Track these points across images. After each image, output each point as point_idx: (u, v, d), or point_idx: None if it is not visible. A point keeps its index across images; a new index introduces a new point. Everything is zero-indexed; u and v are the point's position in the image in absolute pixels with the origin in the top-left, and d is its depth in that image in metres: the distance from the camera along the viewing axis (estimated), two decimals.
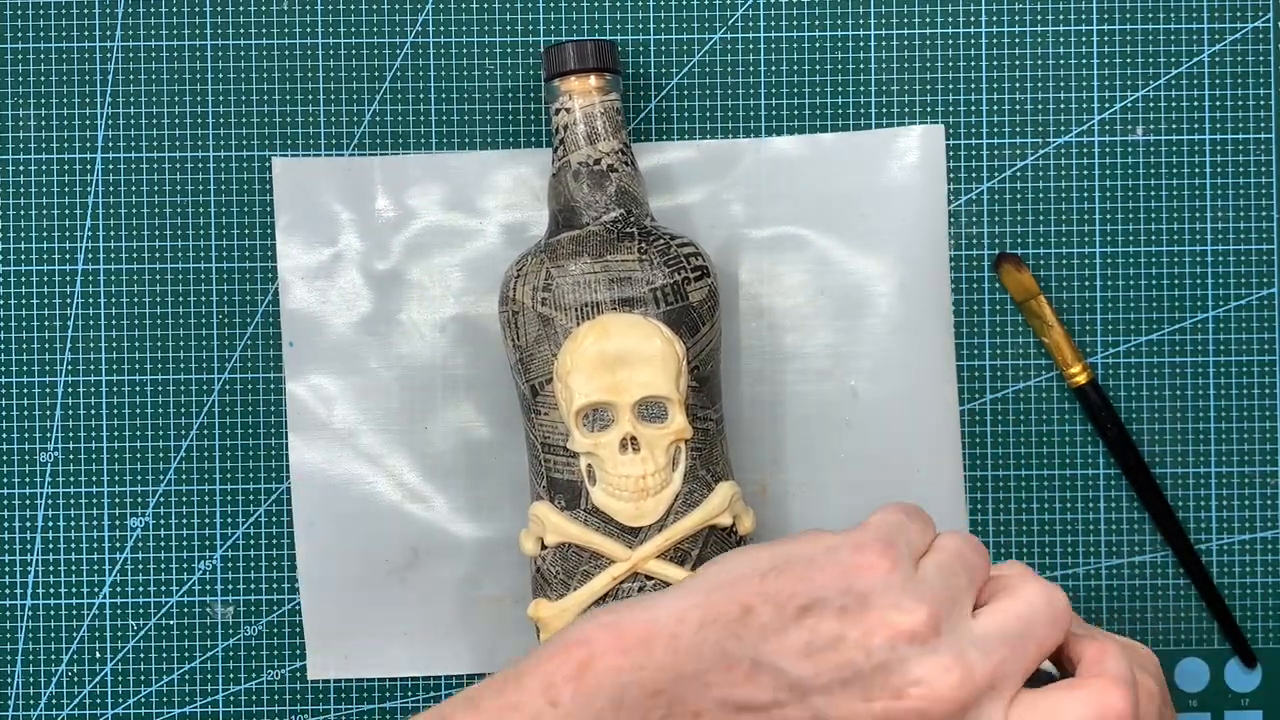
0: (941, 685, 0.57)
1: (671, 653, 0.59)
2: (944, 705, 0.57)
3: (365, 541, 0.84)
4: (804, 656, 0.58)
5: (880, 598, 0.58)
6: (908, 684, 0.57)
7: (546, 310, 0.77)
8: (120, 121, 0.84)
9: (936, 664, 0.57)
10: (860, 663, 0.57)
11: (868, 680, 0.57)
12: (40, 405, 0.84)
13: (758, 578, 0.60)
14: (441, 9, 0.84)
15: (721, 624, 0.59)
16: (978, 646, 0.58)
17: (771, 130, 0.84)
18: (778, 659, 0.58)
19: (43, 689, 0.84)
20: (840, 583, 0.59)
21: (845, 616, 0.58)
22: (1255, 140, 0.84)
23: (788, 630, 0.58)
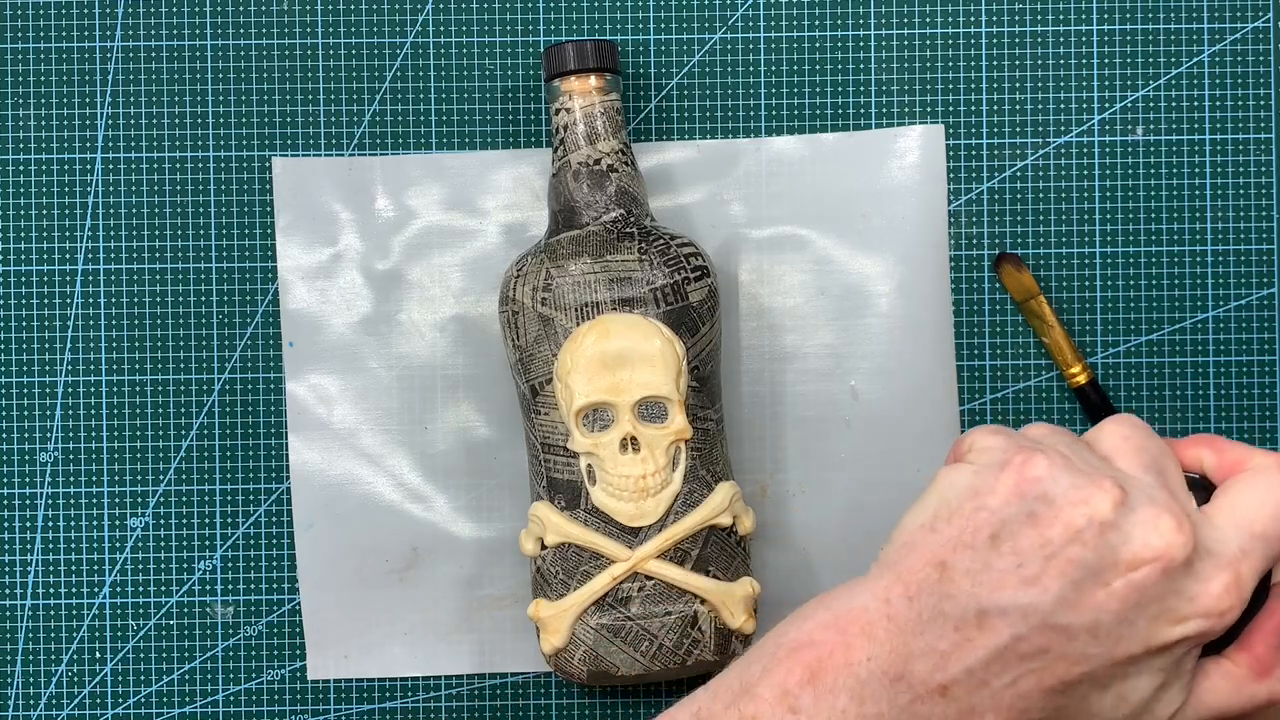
0: (1166, 533, 0.56)
1: (895, 634, 0.57)
2: (1179, 548, 0.56)
3: (365, 541, 0.84)
4: (1022, 581, 0.56)
5: (1059, 486, 0.57)
6: (1137, 548, 0.56)
7: (546, 310, 0.77)
8: (120, 121, 0.84)
9: (1147, 518, 0.56)
10: (1079, 555, 0.56)
11: (1095, 567, 0.56)
12: (40, 405, 0.84)
13: (930, 533, 0.58)
14: (441, 9, 0.84)
15: (926, 590, 0.57)
16: (1159, 487, 0.58)
17: (771, 130, 0.84)
18: (998, 597, 0.56)
19: (43, 689, 0.84)
20: (1013, 496, 0.57)
21: (1037, 521, 0.57)
22: (1255, 140, 0.84)
23: (991, 565, 0.57)
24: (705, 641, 0.77)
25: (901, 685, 0.57)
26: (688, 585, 0.76)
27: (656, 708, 0.84)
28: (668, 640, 0.76)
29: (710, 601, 0.77)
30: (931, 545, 0.58)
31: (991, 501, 0.58)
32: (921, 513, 0.59)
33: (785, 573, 0.84)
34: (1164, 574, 0.56)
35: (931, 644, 0.57)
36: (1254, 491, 0.59)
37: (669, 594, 0.77)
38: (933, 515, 0.59)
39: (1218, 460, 0.62)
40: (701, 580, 0.77)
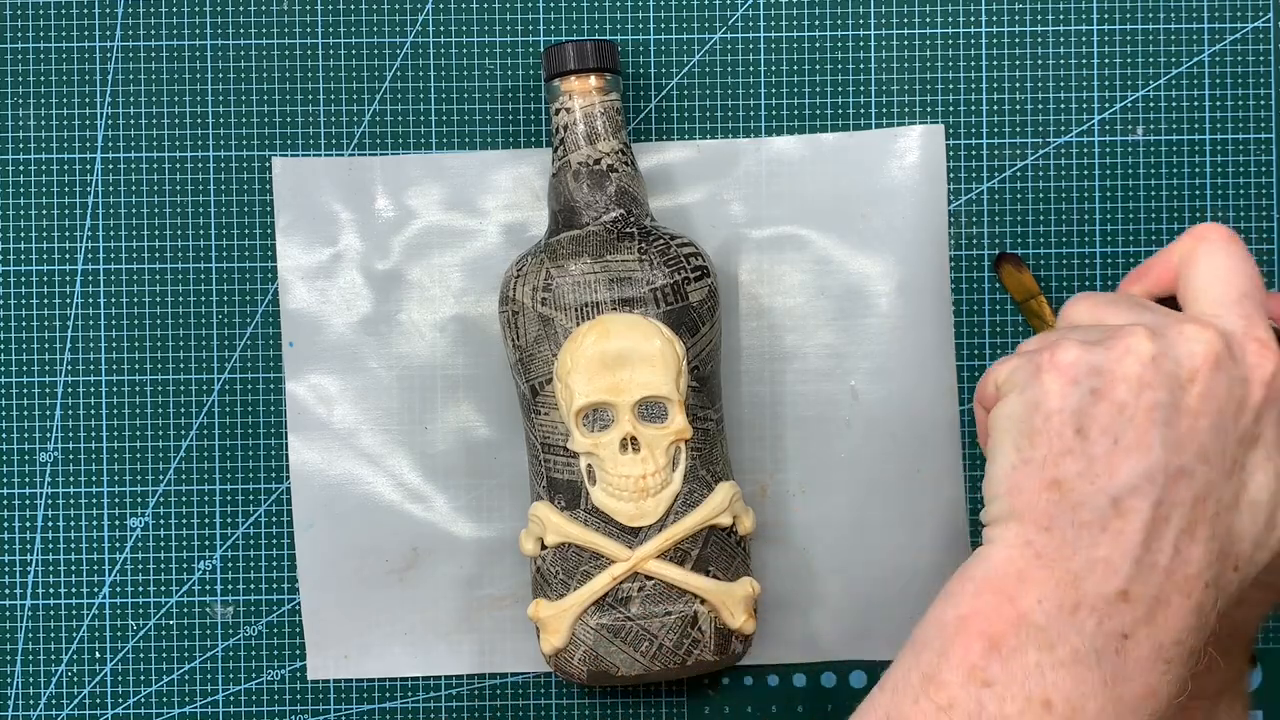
0: (1197, 334, 0.58)
1: (1051, 566, 0.56)
2: (1216, 347, 0.58)
3: (365, 541, 0.84)
4: (1124, 452, 0.57)
5: (1100, 355, 0.58)
6: (1186, 365, 0.57)
7: (546, 310, 0.77)
8: (120, 121, 0.84)
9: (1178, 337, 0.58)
10: (1150, 398, 0.57)
11: (1169, 400, 0.57)
12: (40, 405, 0.84)
13: (1025, 465, 0.58)
14: (441, 9, 0.84)
15: (1053, 514, 0.57)
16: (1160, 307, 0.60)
17: (771, 130, 0.84)
18: (1117, 479, 0.57)
19: (43, 689, 0.84)
20: (1067, 388, 0.58)
21: (1101, 394, 0.57)
22: (1255, 140, 0.84)
23: (1092, 455, 0.57)
24: (705, 641, 0.77)
25: (1083, 611, 0.56)
26: (688, 585, 0.76)
27: (656, 708, 0.84)
28: (668, 640, 0.76)
29: (710, 601, 0.77)
30: (1032, 475, 0.57)
31: (1053, 403, 0.58)
32: (1003, 458, 0.59)
33: (785, 573, 0.84)
34: (1217, 370, 0.57)
35: (1089, 556, 0.56)
36: (1210, 269, 0.61)
37: (669, 594, 0.77)
38: (1015, 451, 0.58)
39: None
40: (701, 580, 0.77)
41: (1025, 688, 0.55)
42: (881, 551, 0.84)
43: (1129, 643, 0.56)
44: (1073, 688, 0.55)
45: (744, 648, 0.78)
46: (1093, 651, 0.56)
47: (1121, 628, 0.56)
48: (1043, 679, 0.55)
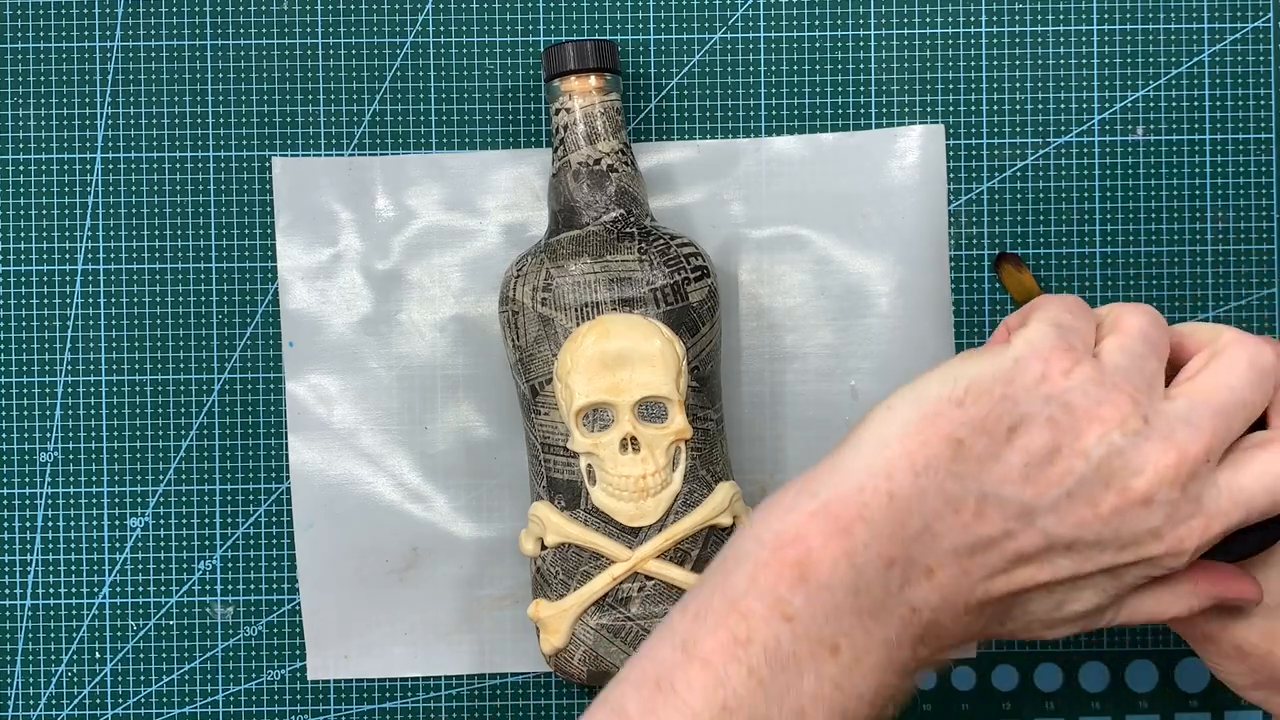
0: (1162, 468, 0.56)
1: (893, 515, 0.56)
2: (1166, 487, 0.56)
3: (365, 541, 0.84)
4: (1024, 480, 0.56)
5: (1082, 399, 0.57)
6: (1129, 476, 0.56)
7: (546, 310, 0.77)
8: (120, 121, 0.84)
9: (1151, 450, 0.56)
10: (1081, 469, 0.56)
11: (1090, 484, 0.56)
12: (40, 405, 0.84)
13: (955, 407, 0.57)
14: (441, 9, 0.84)
15: (936, 466, 0.57)
16: (1186, 423, 0.57)
17: (771, 130, 0.84)
18: (1001, 489, 0.56)
19: (43, 689, 0.84)
20: (1039, 396, 0.57)
21: (1055, 428, 0.57)
22: (1255, 140, 0.84)
23: (1002, 456, 0.56)
24: None
25: (895, 570, 0.56)
26: (688, 585, 0.76)
27: None
28: None
29: None
30: (954, 420, 0.57)
31: (1019, 393, 0.57)
32: (951, 384, 0.58)
33: None
34: (1144, 506, 0.57)
35: (929, 524, 0.56)
36: (1267, 461, 0.59)
37: (669, 594, 0.77)
38: (965, 391, 0.58)
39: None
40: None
41: (820, 628, 0.55)
42: None
43: (914, 616, 0.57)
44: (861, 638, 0.56)
45: None
46: (886, 608, 0.56)
47: (914, 601, 0.57)
48: (839, 623, 0.55)
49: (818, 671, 0.55)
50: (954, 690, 0.85)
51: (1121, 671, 0.85)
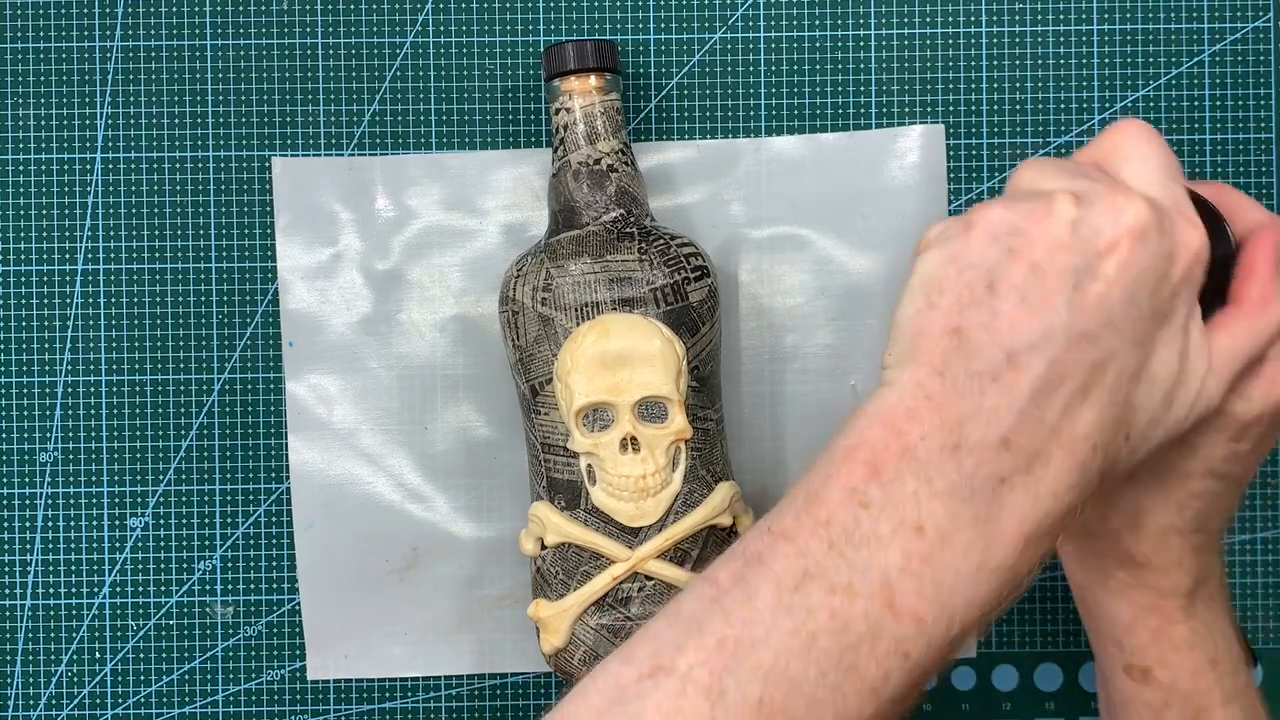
0: (1125, 210, 0.59)
1: (937, 409, 0.58)
2: (1141, 217, 0.59)
3: (365, 541, 0.84)
4: (1030, 312, 0.58)
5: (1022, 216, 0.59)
6: (1107, 235, 0.59)
7: (546, 310, 0.77)
8: (120, 121, 0.84)
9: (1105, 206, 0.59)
10: (1065, 262, 0.58)
11: (1083, 267, 0.58)
12: (40, 405, 0.84)
13: (931, 311, 0.59)
14: (441, 9, 0.84)
15: (951, 359, 0.58)
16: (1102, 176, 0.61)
17: (771, 130, 0.84)
18: (1017, 335, 0.58)
19: (43, 689, 0.84)
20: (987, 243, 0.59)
21: (1017, 253, 0.59)
22: (1255, 140, 0.84)
23: (998, 310, 0.58)
24: None
25: (963, 452, 0.57)
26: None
27: None
28: None
29: None
30: (937, 320, 0.59)
31: (971, 257, 0.59)
32: (911, 304, 0.60)
33: None
34: (1140, 243, 0.59)
35: (976, 404, 0.58)
36: (1138, 155, 0.62)
37: (669, 594, 0.77)
38: (924, 298, 0.60)
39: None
40: None
41: (900, 511, 0.57)
42: None
43: (1004, 487, 0.57)
44: (945, 518, 0.57)
45: None
46: (968, 489, 0.57)
47: (999, 472, 0.57)
48: (917, 506, 0.57)
49: (903, 548, 0.57)
50: (954, 690, 0.85)
51: None
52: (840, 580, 0.56)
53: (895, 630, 0.56)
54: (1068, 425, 0.58)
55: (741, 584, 0.57)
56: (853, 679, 0.56)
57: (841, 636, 0.56)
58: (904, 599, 0.56)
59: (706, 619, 0.56)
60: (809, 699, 0.55)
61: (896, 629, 0.56)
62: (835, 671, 0.56)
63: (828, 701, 0.55)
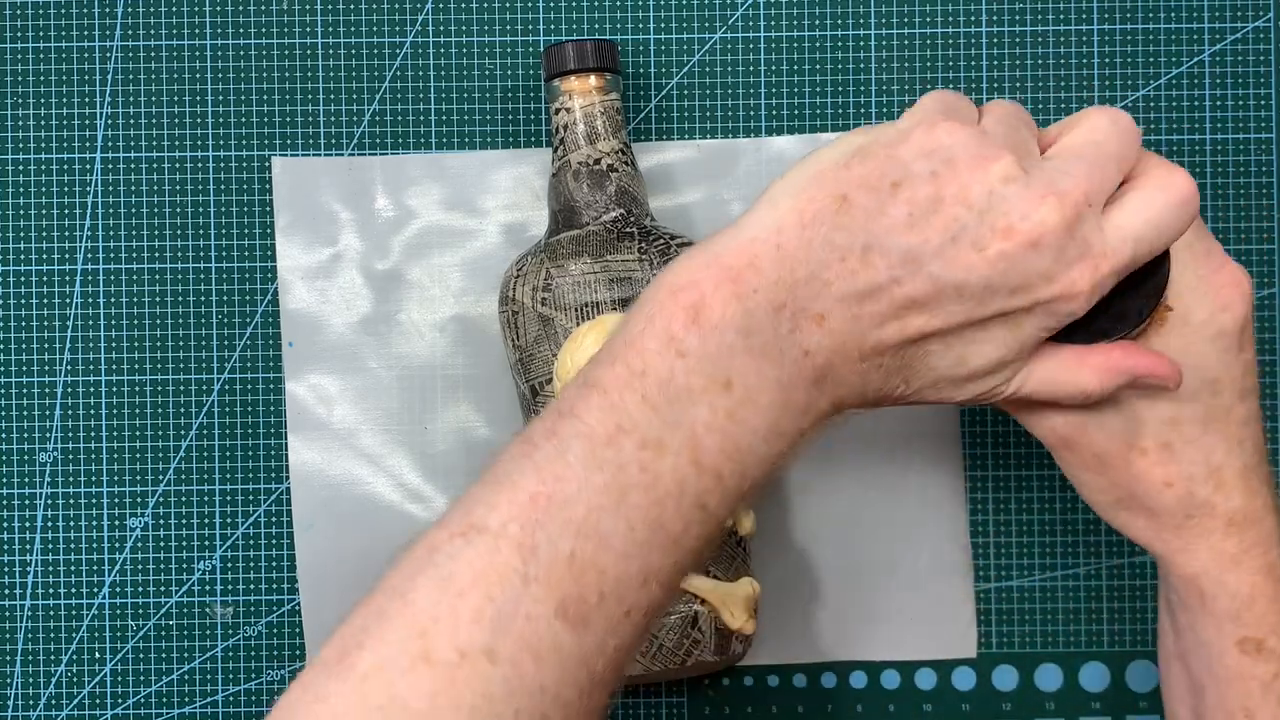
0: (1045, 212, 0.59)
1: (780, 263, 0.59)
2: (1051, 230, 0.59)
3: (365, 541, 0.84)
4: (909, 228, 0.59)
5: (964, 153, 0.60)
6: (1014, 220, 0.59)
7: (546, 310, 0.77)
8: (120, 121, 0.84)
9: (1032, 196, 0.59)
10: (963, 216, 0.59)
11: (975, 230, 0.59)
12: (40, 405, 0.84)
13: (842, 169, 0.60)
14: (441, 9, 0.84)
15: (822, 220, 0.59)
16: (1063, 173, 0.60)
17: (771, 130, 0.84)
18: (885, 238, 0.59)
19: (42, 689, 0.84)
20: (922, 153, 0.60)
21: (937, 180, 0.59)
22: (1255, 140, 0.84)
23: (886, 208, 0.59)
24: (705, 642, 0.77)
25: (785, 314, 0.59)
26: (688, 585, 0.76)
27: (656, 708, 0.84)
28: (667, 640, 0.76)
29: (710, 602, 0.77)
30: (840, 179, 0.60)
31: (903, 153, 0.60)
32: (840, 151, 0.61)
33: (785, 573, 0.84)
34: (1032, 249, 0.59)
35: (815, 272, 0.59)
36: (1141, 198, 0.62)
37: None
38: (851, 154, 0.61)
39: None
40: (701, 580, 0.76)
41: (714, 365, 0.58)
42: (881, 551, 0.84)
43: (807, 359, 0.59)
44: (753, 376, 0.58)
45: (744, 648, 0.78)
46: (778, 350, 0.58)
47: (806, 344, 0.59)
48: (731, 361, 0.58)
49: (711, 403, 0.58)
50: (954, 690, 0.85)
51: (1122, 671, 0.85)
52: (652, 435, 0.57)
53: (698, 485, 0.57)
54: (874, 334, 0.59)
55: (554, 438, 0.57)
56: (659, 534, 0.57)
57: (650, 492, 0.57)
58: (708, 455, 0.57)
59: (519, 475, 0.57)
60: (619, 553, 0.56)
61: (699, 484, 0.57)
62: (643, 526, 0.57)
63: (635, 555, 0.56)
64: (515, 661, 0.55)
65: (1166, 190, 0.62)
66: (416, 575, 0.56)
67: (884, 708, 0.85)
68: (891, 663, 0.85)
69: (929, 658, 0.85)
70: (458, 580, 0.55)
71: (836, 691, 0.85)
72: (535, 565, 0.55)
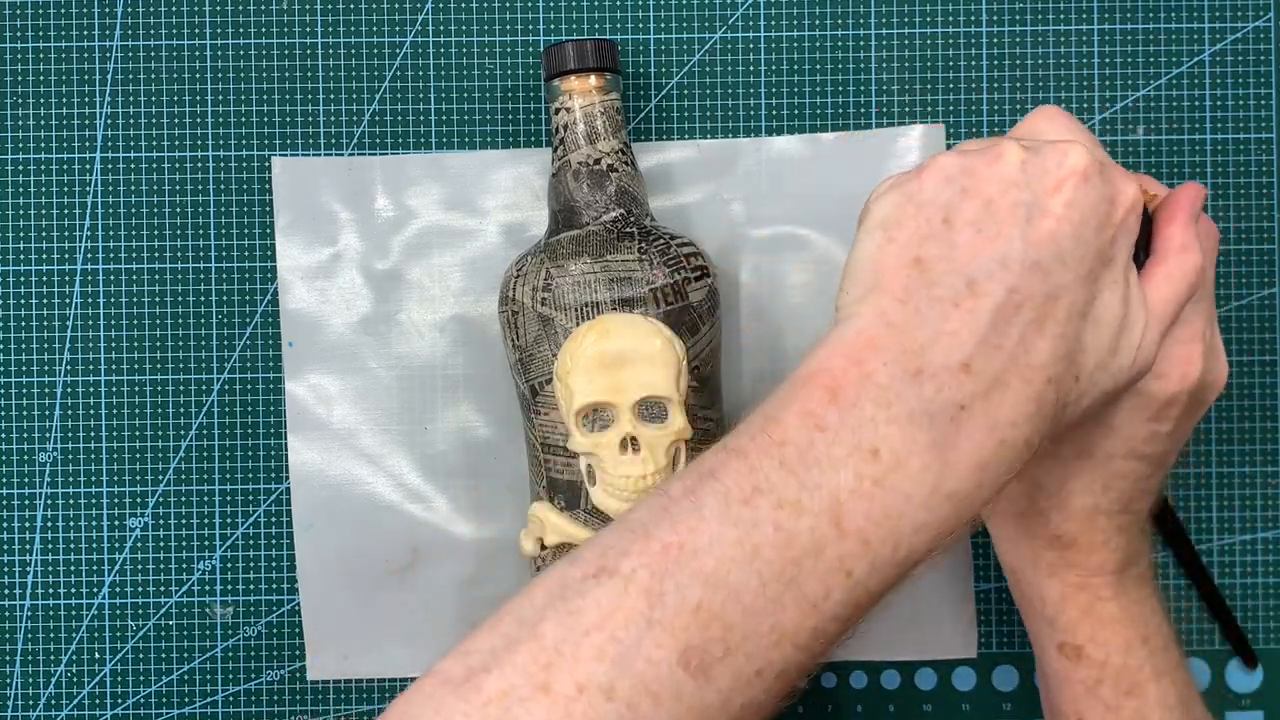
0: (1073, 156, 0.61)
1: (900, 335, 0.59)
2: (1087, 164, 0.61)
3: (365, 541, 0.84)
4: (987, 240, 0.60)
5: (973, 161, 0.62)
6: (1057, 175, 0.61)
7: (546, 310, 0.77)
8: (120, 121, 0.84)
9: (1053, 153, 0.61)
10: (1017, 197, 0.60)
11: (1033, 203, 0.60)
12: (40, 405, 0.84)
13: (888, 245, 0.61)
14: (441, 9, 0.84)
15: (913, 287, 0.60)
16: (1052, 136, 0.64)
17: (771, 130, 0.84)
18: (975, 262, 0.59)
19: (42, 689, 0.84)
20: (941, 183, 0.61)
21: (971, 191, 0.61)
22: (1255, 140, 0.84)
23: (956, 240, 0.60)
24: None
25: (924, 377, 0.58)
26: None
27: None
28: None
29: None
30: (897, 253, 0.60)
31: (925, 196, 0.61)
32: (869, 241, 0.62)
33: None
34: (1084, 183, 0.61)
35: (938, 329, 0.59)
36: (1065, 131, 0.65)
37: None
38: (883, 234, 0.61)
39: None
40: None
41: (856, 435, 0.58)
42: None
43: (964, 414, 0.58)
44: (900, 442, 0.58)
45: None
46: (926, 415, 0.58)
47: (959, 398, 0.58)
48: (874, 431, 0.58)
49: (857, 470, 0.57)
50: (954, 690, 0.85)
51: None
52: (789, 496, 0.57)
53: (839, 548, 0.57)
54: (1024, 354, 0.59)
55: (691, 495, 0.58)
56: (793, 592, 0.57)
57: (785, 550, 0.57)
58: (851, 519, 0.57)
59: (654, 526, 0.57)
60: (746, 607, 0.56)
61: (840, 547, 0.57)
62: (776, 583, 0.56)
63: (765, 611, 0.56)
64: (632, 702, 0.55)
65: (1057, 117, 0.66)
66: (546, 608, 0.56)
67: (884, 708, 0.85)
68: (891, 663, 0.85)
69: (929, 658, 0.85)
70: (585, 618, 0.56)
71: (836, 691, 0.85)
72: (661, 610, 0.56)
